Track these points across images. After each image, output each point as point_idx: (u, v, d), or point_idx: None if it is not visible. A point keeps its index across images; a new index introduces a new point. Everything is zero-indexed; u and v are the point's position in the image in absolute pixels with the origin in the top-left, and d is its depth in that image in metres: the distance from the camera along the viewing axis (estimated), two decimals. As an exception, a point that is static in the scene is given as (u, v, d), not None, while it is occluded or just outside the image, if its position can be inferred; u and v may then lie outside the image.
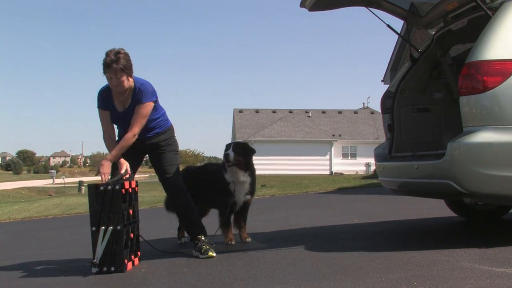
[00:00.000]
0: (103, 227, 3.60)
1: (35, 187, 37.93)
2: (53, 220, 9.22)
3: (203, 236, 4.03)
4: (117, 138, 4.05)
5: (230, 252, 4.02)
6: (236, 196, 4.31)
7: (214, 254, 3.88)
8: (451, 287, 2.61)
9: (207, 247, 3.92)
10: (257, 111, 46.65)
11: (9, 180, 58.57)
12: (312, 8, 4.56)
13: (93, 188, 3.70)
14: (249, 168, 4.37)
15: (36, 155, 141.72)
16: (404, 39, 5.57)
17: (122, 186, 3.69)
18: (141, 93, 3.88)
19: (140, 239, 4.01)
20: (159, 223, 6.53)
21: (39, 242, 5.90)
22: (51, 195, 27.56)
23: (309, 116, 45.87)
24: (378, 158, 4.82)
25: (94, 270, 3.57)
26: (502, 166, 3.44)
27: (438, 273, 2.90)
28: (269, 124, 42.97)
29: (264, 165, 39.30)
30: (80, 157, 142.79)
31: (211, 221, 4.60)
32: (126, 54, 3.83)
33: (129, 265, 3.68)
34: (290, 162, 39.48)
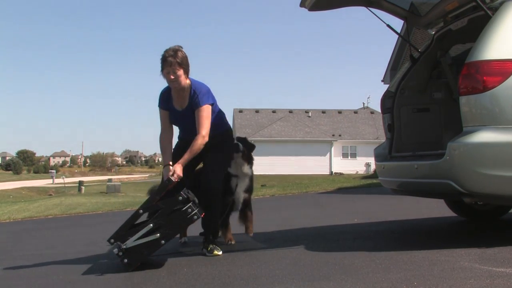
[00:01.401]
0: (151, 225, 3.62)
1: (35, 187, 37.90)
2: (53, 220, 9.22)
3: (213, 239, 4.05)
4: (174, 140, 4.14)
5: (230, 252, 4.02)
6: (236, 193, 4.32)
7: (219, 253, 3.91)
8: (451, 287, 2.62)
9: (213, 245, 3.96)
10: (257, 111, 46.63)
11: (9, 180, 58.55)
12: (312, 8, 4.56)
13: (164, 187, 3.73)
14: (251, 161, 4.45)
15: (36, 155, 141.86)
16: (404, 39, 5.57)
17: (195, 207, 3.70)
18: (197, 96, 3.92)
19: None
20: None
21: (39, 242, 5.89)
22: (51, 195, 27.53)
23: (309, 116, 45.86)
24: (378, 158, 4.83)
25: (115, 251, 3.61)
26: (502, 166, 3.44)
27: (438, 273, 2.90)
28: (269, 124, 42.96)
29: (264, 165, 39.27)
30: (80, 157, 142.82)
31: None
32: (184, 53, 3.91)
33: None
34: (290, 162, 39.47)
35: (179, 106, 4.03)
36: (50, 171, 66.74)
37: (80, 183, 29.99)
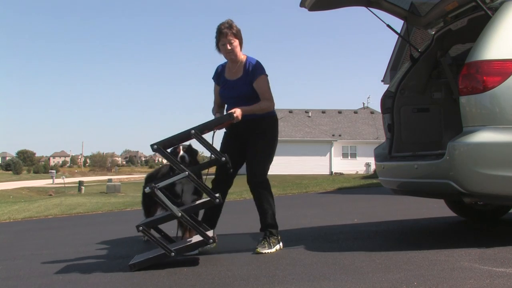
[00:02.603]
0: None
1: (35, 187, 37.89)
2: (53, 220, 9.21)
3: (269, 232, 4.01)
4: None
5: (230, 252, 4.02)
6: (183, 196, 4.39)
7: (264, 251, 3.86)
8: (451, 287, 2.62)
9: (266, 241, 3.94)
10: (257, 111, 46.60)
11: (9, 180, 58.57)
12: (312, 8, 4.56)
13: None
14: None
15: (36, 155, 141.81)
16: (404, 39, 5.57)
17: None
18: (254, 67, 4.03)
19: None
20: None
21: (39, 242, 5.89)
22: (51, 195, 27.54)
23: (309, 116, 45.85)
24: (378, 158, 4.83)
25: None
26: (502, 166, 3.44)
27: (438, 273, 2.90)
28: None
29: (264, 165, 39.26)
30: (80, 157, 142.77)
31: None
32: (238, 26, 4.02)
33: None
34: (290, 162, 39.46)
35: (231, 76, 4.11)
36: (50, 171, 66.72)
37: (80, 183, 29.99)
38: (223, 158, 3.70)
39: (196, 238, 3.88)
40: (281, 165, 39.36)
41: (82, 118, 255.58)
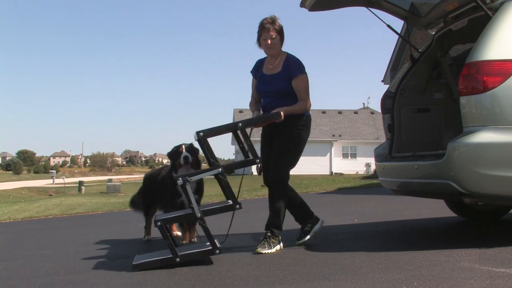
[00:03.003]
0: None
1: (35, 187, 37.89)
2: (53, 220, 9.21)
3: (270, 232, 3.97)
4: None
5: (230, 252, 4.01)
6: (184, 196, 4.37)
7: (264, 251, 3.85)
8: (451, 287, 2.62)
9: (266, 242, 3.91)
10: (257, 111, 46.60)
11: (9, 180, 58.56)
12: (312, 8, 4.56)
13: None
14: (199, 166, 4.53)
15: (36, 155, 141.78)
16: (404, 39, 5.57)
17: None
18: (294, 65, 4.06)
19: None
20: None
21: (39, 242, 5.89)
22: (51, 195, 27.54)
23: (309, 116, 45.79)
24: (378, 158, 4.83)
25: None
26: (502, 166, 3.44)
27: (438, 273, 2.90)
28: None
29: (264, 165, 39.22)
30: (80, 157, 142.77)
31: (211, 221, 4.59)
32: (281, 23, 4.08)
33: None
34: (290, 162, 39.39)
35: (269, 71, 4.14)
36: (50, 171, 66.73)
37: (80, 183, 29.96)
38: (257, 160, 3.76)
39: (199, 246, 3.87)
40: (281, 165, 39.38)
41: (82, 118, 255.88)
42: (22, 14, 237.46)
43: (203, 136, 3.72)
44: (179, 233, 4.88)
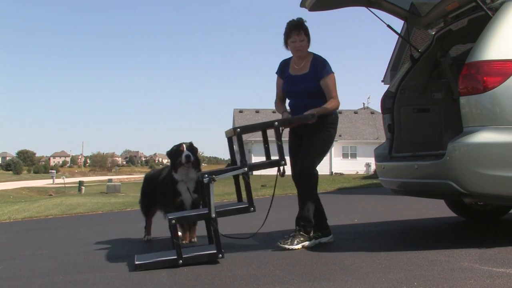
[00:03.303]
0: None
1: (35, 187, 37.89)
2: (53, 220, 9.22)
3: (301, 227, 4.02)
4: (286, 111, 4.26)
5: (230, 252, 4.01)
6: (183, 195, 4.47)
7: (288, 246, 3.90)
8: (451, 287, 2.61)
9: (292, 237, 3.97)
10: (257, 111, 46.61)
11: (9, 180, 58.56)
12: (312, 8, 4.56)
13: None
14: (199, 165, 4.57)
15: (36, 155, 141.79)
16: (404, 39, 5.57)
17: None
18: (322, 65, 4.11)
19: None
20: (163, 222, 6.52)
21: (39, 242, 5.89)
22: (51, 195, 27.53)
23: (309, 116, 45.79)
24: (378, 158, 4.82)
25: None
26: (502, 166, 3.44)
27: (438, 273, 2.90)
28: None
29: (264, 165, 39.18)
30: (80, 157, 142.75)
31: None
32: (306, 25, 4.14)
33: None
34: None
35: (297, 72, 4.18)
36: (50, 171, 66.72)
37: (80, 183, 29.94)
38: (283, 162, 3.79)
39: (203, 248, 3.87)
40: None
41: (82, 118, 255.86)
42: (22, 14, 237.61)
43: (240, 132, 3.77)
44: (179, 233, 4.87)
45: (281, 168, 3.90)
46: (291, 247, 3.90)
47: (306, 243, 3.99)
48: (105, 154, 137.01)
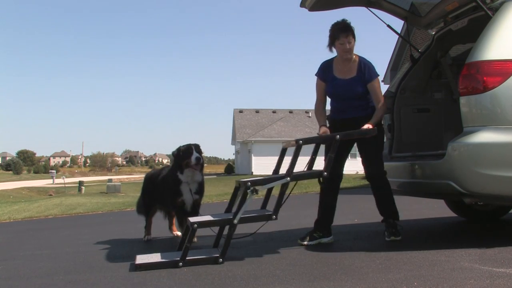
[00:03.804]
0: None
1: (35, 187, 37.88)
2: (53, 220, 9.21)
3: (391, 220, 4.20)
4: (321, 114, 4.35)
5: (230, 252, 4.01)
6: (185, 195, 4.49)
7: (398, 238, 4.07)
8: (451, 287, 2.61)
9: (393, 230, 4.11)
10: (257, 111, 46.63)
11: (9, 180, 58.55)
12: (312, 8, 4.56)
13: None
14: (203, 168, 4.60)
15: (36, 155, 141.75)
16: (404, 39, 5.57)
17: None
18: (369, 68, 4.14)
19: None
20: (163, 222, 6.52)
21: (39, 242, 5.89)
22: (51, 195, 27.53)
23: (309, 116, 45.81)
24: (378, 158, 4.82)
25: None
26: (502, 166, 3.44)
27: (438, 273, 2.90)
28: (269, 124, 42.93)
29: (264, 165, 39.19)
30: (80, 157, 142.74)
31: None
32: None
33: None
34: (290, 162, 39.35)
35: (342, 75, 4.18)
36: (50, 171, 66.66)
37: (80, 183, 29.92)
38: (325, 173, 3.87)
39: (205, 252, 3.87)
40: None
41: (82, 118, 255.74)
42: (22, 14, 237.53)
43: (302, 144, 3.90)
44: (179, 233, 4.87)
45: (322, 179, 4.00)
46: (399, 238, 4.07)
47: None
48: (105, 154, 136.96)
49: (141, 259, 3.72)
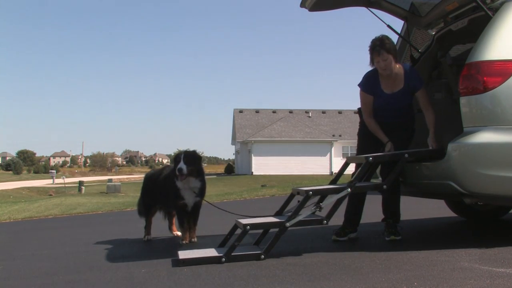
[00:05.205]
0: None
1: (35, 187, 37.86)
2: (53, 220, 9.21)
3: (391, 221, 4.27)
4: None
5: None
6: (186, 198, 4.54)
7: (398, 237, 4.13)
8: (451, 287, 2.61)
9: (392, 230, 4.18)
10: (257, 111, 46.66)
11: (9, 180, 58.51)
12: (312, 8, 4.56)
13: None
14: (200, 174, 4.57)
15: (36, 155, 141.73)
16: (405, 39, 5.57)
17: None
18: (415, 78, 4.16)
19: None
20: (163, 222, 6.52)
21: (39, 242, 5.89)
22: (51, 195, 27.52)
23: (309, 116, 45.87)
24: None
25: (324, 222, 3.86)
26: (502, 166, 3.44)
27: (438, 273, 2.90)
28: (269, 124, 42.95)
29: (264, 165, 39.27)
30: (80, 157, 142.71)
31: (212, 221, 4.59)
32: (390, 40, 4.11)
33: None
34: (290, 162, 39.45)
35: (390, 89, 4.18)
36: (50, 171, 66.61)
37: (80, 183, 29.93)
38: (384, 186, 4.01)
39: (248, 248, 3.89)
40: (281, 166, 39.40)
41: (82, 118, 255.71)
42: (22, 13, 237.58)
43: (372, 161, 3.99)
44: (179, 233, 4.88)
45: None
46: (398, 237, 4.14)
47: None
48: (105, 154, 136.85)
49: (184, 254, 3.74)
